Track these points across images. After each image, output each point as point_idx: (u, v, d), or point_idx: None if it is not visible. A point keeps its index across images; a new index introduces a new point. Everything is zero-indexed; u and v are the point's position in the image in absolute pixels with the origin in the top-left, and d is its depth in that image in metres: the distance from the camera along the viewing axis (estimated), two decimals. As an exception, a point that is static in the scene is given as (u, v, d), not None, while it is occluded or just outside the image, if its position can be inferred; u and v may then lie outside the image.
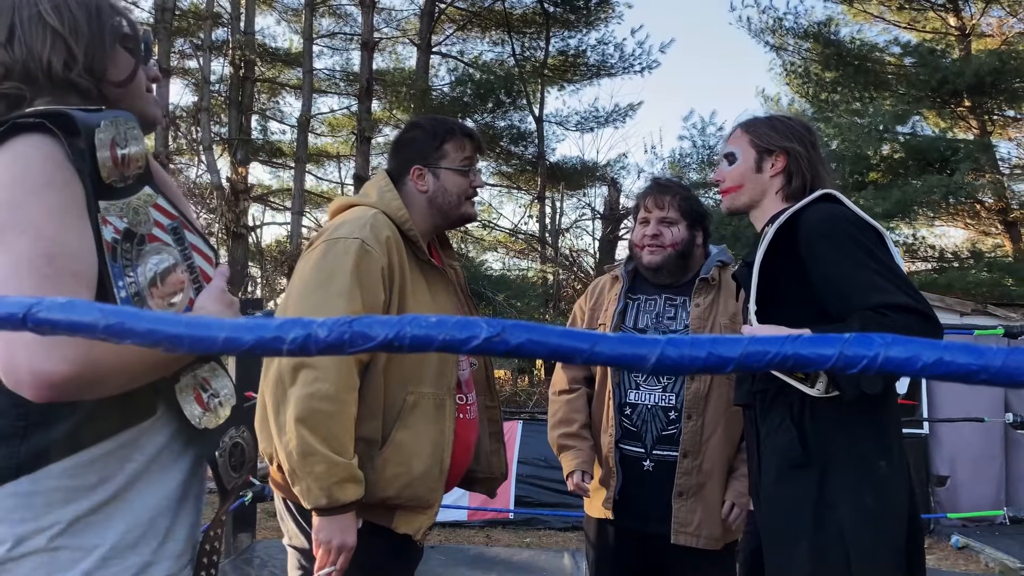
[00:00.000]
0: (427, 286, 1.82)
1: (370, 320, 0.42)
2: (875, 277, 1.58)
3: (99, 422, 1.02)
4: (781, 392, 1.72)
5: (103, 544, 1.02)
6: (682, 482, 2.11)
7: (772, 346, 0.40)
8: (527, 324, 0.42)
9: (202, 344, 0.43)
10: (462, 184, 1.88)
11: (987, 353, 0.38)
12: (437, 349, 0.42)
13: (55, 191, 0.97)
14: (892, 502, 1.62)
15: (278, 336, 0.42)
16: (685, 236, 2.22)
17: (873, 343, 0.39)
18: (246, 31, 15.06)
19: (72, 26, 1.09)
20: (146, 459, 1.07)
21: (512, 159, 17.59)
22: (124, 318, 0.43)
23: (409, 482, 1.71)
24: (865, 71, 14.85)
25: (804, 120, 1.93)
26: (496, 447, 2.07)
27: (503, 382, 12.81)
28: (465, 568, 4.51)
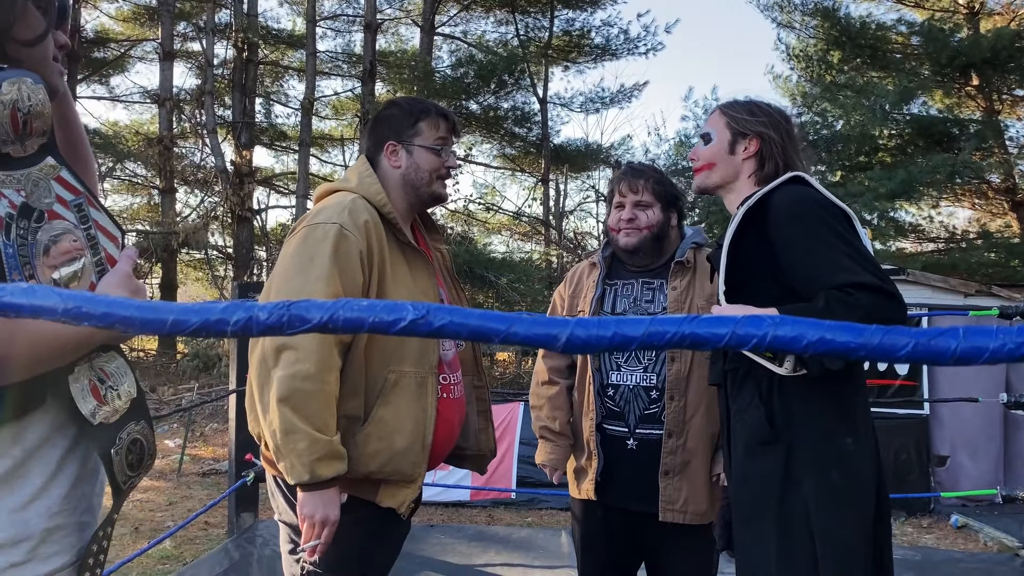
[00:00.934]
0: (408, 268, 1.86)
1: (307, 304, 0.46)
2: (841, 258, 1.61)
3: None
4: (751, 371, 1.76)
5: None
6: (667, 461, 2.15)
7: (671, 326, 0.43)
8: (449, 308, 0.45)
9: (152, 326, 0.47)
10: (434, 163, 1.92)
11: (866, 331, 0.41)
12: (368, 330, 0.46)
13: None
14: (858, 478, 1.65)
15: (222, 319, 0.46)
16: (660, 218, 2.25)
17: (763, 323, 0.42)
18: (249, 13, 15.04)
19: None
20: (24, 457, 0.98)
21: (516, 141, 17.55)
22: (82, 302, 0.46)
23: (391, 457, 1.75)
24: (872, 50, 14.74)
25: (783, 108, 1.95)
26: (484, 425, 2.12)
27: (507, 364, 12.88)
28: (464, 546, 4.58)
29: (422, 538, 4.63)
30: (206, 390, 10.91)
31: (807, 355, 1.11)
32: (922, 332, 0.41)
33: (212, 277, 16.30)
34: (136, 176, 17.83)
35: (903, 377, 6.57)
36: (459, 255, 12.31)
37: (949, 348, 0.40)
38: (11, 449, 0.97)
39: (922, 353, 0.40)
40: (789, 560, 1.64)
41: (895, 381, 6.59)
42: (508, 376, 11.85)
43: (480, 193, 18.41)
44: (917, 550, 4.96)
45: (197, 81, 16.75)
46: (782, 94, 15.97)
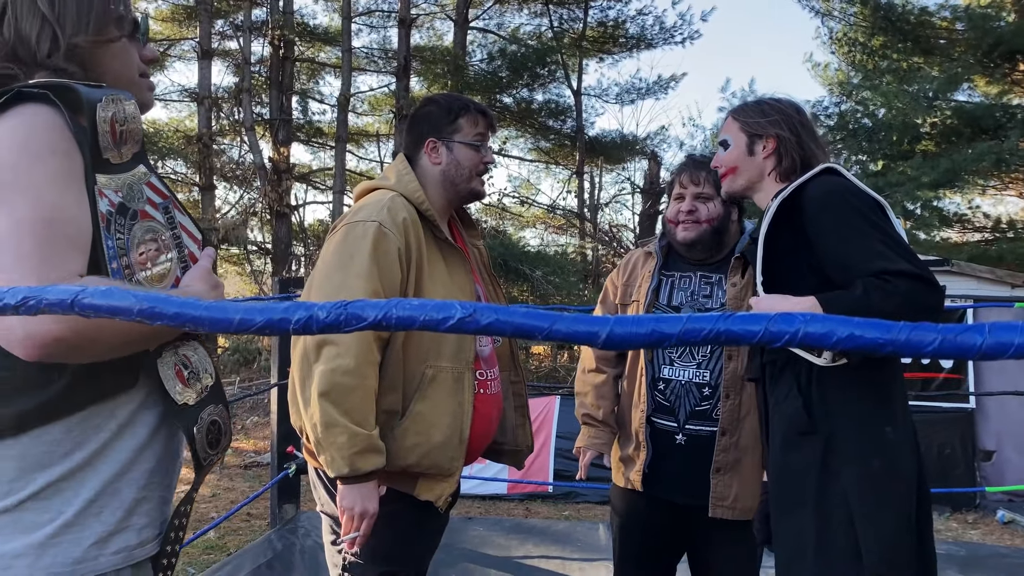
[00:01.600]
0: (445, 265, 1.89)
1: (362, 303, 0.49)
2: (877, 245, 1.62)
3: (79, 391, 1.05)
4: (789, 362, 1.77)
5: (68, 510, 1.05)
6: (720, 459, 2.15)
7: (707, 323, 0.45)
8: (495, 306, 0.48)
9: (220, 325, 0.50)
10: (474, 159, 1.95)
11: (894, 328, 0.43)
12: (418, 328, 0.49)
13: (57, 158, 1.00)
14: (898, 468, 1.66)
15: (285, 317, 0.49)
16: (720, 212, 2.23)
17: (794, 320, 0.44)
18: (285, 10, 15.21)
19: (61, 13, 1.11)
20: (119, 430, 1.09)
21: (550, 134, 17.52)
22: (156, 303, 0.50)
23: (428, 451, 1.79)
24: (915, 36, 14.44)
25: (794, 100, 1.97)
26: (522, 421, 2.14)
27: (543, 357, 12.90)
28: (502, 538, 4.62)
29: (460, 530, 4.68)
30: (247, 384, 11.11)
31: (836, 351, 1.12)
32: (948, 328, 0.43)
33: (251, 272, 16.58)
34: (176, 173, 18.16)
35: (948, 370, 6.46)
36: (493, 249, 12.33)
37: (975, 344, 0.41)
38: (107, 423, 1.08)
39: (948, 349, 0.42)
40: (829, 551, 1.65)
41: (939, 374, 6.48)
42: (544, 370, 11.87)
43: (514, 187, 18.42)
44: (962, 545, 4.89)
45: (235, 79, 17.01)
46: (821, 83, 15.74)
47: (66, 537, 1.05)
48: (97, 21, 1.14)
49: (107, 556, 1.08)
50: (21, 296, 0.50)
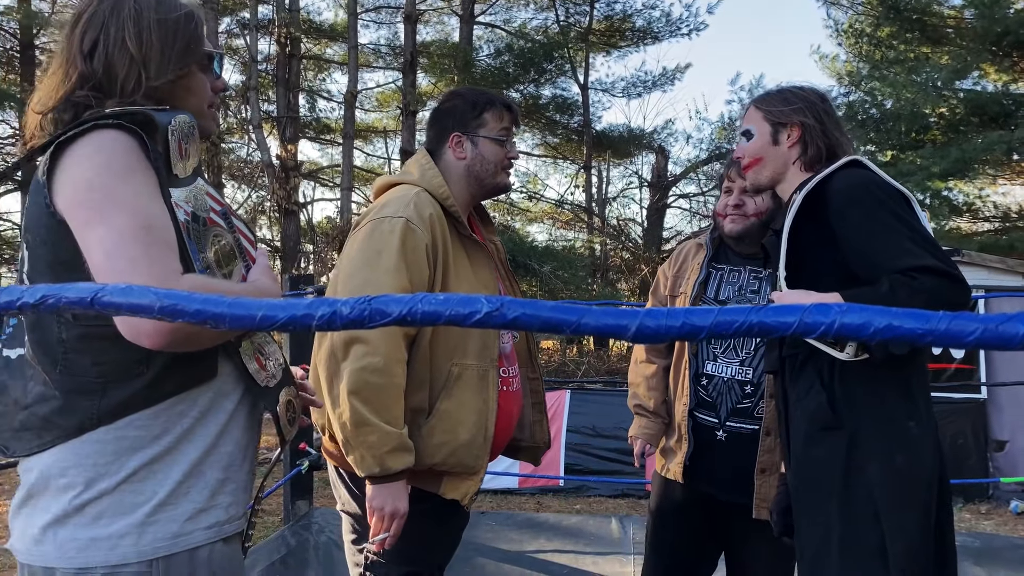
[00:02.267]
0: (469, 261, 1.88)
1: (386, 298, 0.48)
2: (903, 241, 1.59)
3: (164, 382, 1.15)
4: (811, 356, 1.74)
5: (160, 491, 1.15)
6: (764, 459, 2.13)
7: (739, 316, 0.44)
8: (522, 300, 0.47)
9: (242, 321, 0.50)
10: (499, 153, 1.93)
11: (933, 318, 0.42)
12: (444, 323, 0.48)
13: (138, 175, 1.11)
14: (922, 464, 1.64)
15: (308, 313, 0.48)
16: (770, 205, 2.18)
17: (830, 311, 0.43)
18: (291, 8, 15.20)
19: (148, 54, 1.21)
20: (201, 416, 1.19)
21: (557, 129, 17.48)
22: (177, 300, 0.49)
23: (454, 449, 1.78)
24: (922, 25, 14.32)
25: (817, 88, 1.93)
26: (539, 417, 2.13)
27: (552, 352, 12.89)
28: (514, 533, 4.62)
29: (473, 525, 4.67)
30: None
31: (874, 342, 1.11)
32: (990, 318, 0.41)
33: (261, 270, 16.57)
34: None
35: (959, 361, 6.42)
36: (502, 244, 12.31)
37: (1018, 333, 0.40)
38: (190, 410, 1.19)
39: (990, 339, 0.41)
40: (854, 548, 1.64)
41: (951, 365, 6.44)
42: (553, 364, 11.86)
43: (522, 182, 18.39)
44: (976, 536, 4.87)
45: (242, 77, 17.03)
46: (829, 74, 15.64)
47: (162, 515, 1.15)
48: (178, 62, 1.24)
49: (201, 531, 1.19)
50: (40, 295, 0.50)
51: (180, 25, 1.26)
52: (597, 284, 13.64)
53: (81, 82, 1.20)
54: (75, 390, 1.13)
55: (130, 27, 1.21)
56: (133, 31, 1.21)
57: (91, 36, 1.21)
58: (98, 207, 1.08)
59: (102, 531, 1.12)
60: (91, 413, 1.13)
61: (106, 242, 1.07)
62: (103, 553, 1.12)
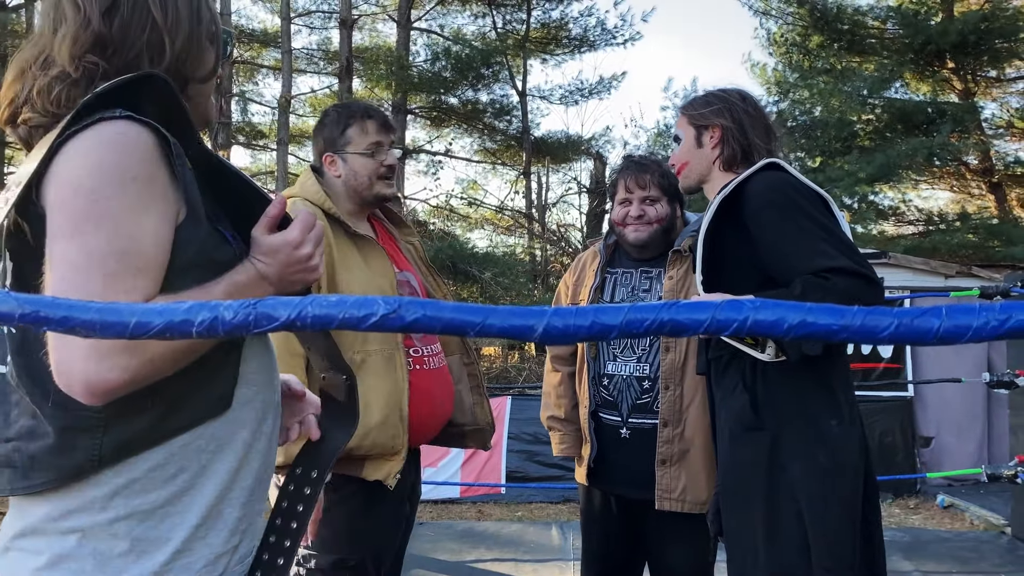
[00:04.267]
0: (361, 256, 1.90)
1: (274, 301, 0.44)
2: (818, 243, 1.61)
3: (179, 415, 1.02)
4: (734, 358, 1.76)
5: (176, 536, 1.02)
6: (664, 450, 2.16)
7: (650, 313, 0.42)
8: (422, 301, 0.44)
9: (114, 329, 0.45)
10: (370, 166, 1.97)
11: (848, 313, 0.40)
12: (338, 327, 0.44)
13: (138, 183, 0.96)
14: (844, 460, 1.66)
15: (187, 319, 0.44)
16: (668, 211, 2.26)
17: (743, 308, 0.41)
18: (222, 12, 14.88)
19: (174, 22, 1.07)
20: (217, 451, 1.06)
21: (496, 135, 17.50)
22: (40, 307, 0.45)
23: (367, 432, 1.79)
24: (850, 35, 14.81)
25: (740, 89, 1.98)
26: (479, 399, 2.15)
27: (494, 358, 12.87)
28: (453, 543, 4.57)
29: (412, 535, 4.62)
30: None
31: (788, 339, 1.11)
32: (905, 312, 0.40)
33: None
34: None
35: (887, 360, 6.62)
36: (442, 251, 12.25)
37: (932, 327, 0.39)
38: (208, 445, 1.05)
39: (905, 333, 0.39)
40: (778, 544, 1.65)
41: (879, 364, 6.64)
42: (495, 370, 11.83)
43: (462, 188, 18.35)
44: (905, 531, 5.01)
45: (172, 82, 16.56)
46: (760, 82, 16.03)
47: (178, 563, 1.02)
48: (206, 38, 1.12)
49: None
50: None
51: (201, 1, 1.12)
52: (538, 289, 13.68)
53: (96, 45, 1.03)
54: (72, 427, 0.97)
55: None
56: (159, 3, 1.06)
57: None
58: (76, 218, 0.93)
59: None
60: (92, 454, 0.97)
61: (69, 261, 0.93)
62: None
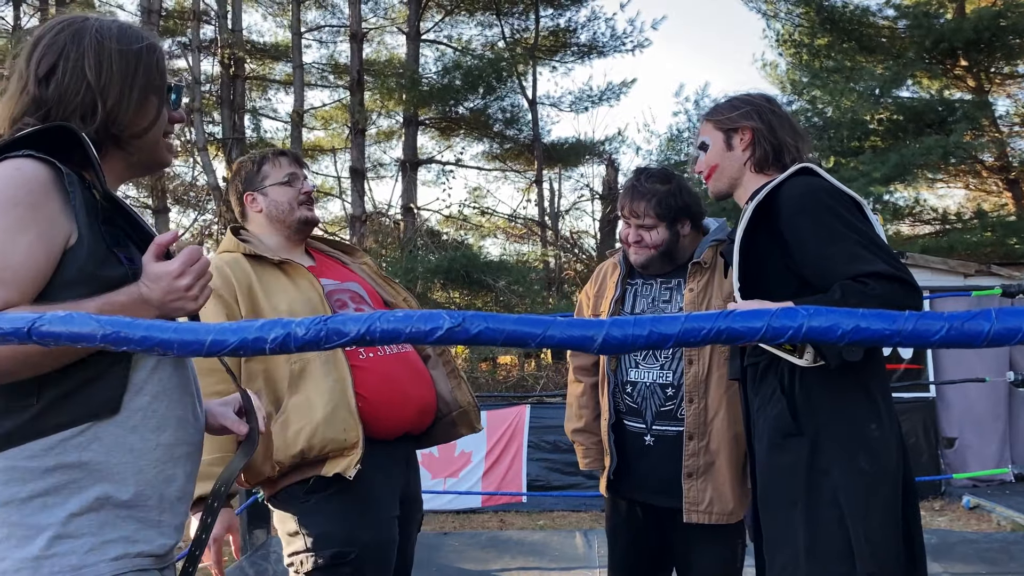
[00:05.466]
0: (288, 279, 2.00)
1: (343, 318, 0.46)
2: (854, 247, 1.62)
3: (59, 413, 1.12)
4: (771, 364, 1.76)
5: (55, 522, 1.11)
6: (690, 463, 2.16)
7: (707, 322, 0.43)
8: (485, 314, 0.46)
9: (191, 347, 0.47)
10: (289, 193, 2.11)
11: (899, 318, 0.41)
12: (405, 340, 0.46)
13: (20, 209, 1.09)
14: (885, 464, 1.66)
15: (260, 336, 0.46)
16: (665, 236, 2.25)
17: (797, 315, 0.43)
18: (233, 28, 15.03)
19: (106, 84, 1.20)
20: (104, 451, 1.15)
21: (507, 143, 17.54)
22: (120, 327, 0.47)
23: (314, 430, 1.82)
24: (858, 36, 14.76)
25: (763, 92, 2.00)
26: (456, 382, 2.16)
27: (510, 367, 12.86)
28: (478, 552, 4.58)
29: (436, 546, 4.63)
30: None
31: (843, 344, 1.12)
32: (955, 316, 0.41)
33: (211, 294, 16.25)
34: (128, 197, 17.80)
35: (908, 361, 6.58)
36: (456, 260, 12.28)
37: (983, 331, 0.40)
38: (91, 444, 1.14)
39: (956, 337, 0.41)
40: (820, 551, 1.64)
41: (900, 365, 6.60)
42: (512, 379, 11.83)
43: (473, 197, 18.39)
44: (932, 532, 4.97)
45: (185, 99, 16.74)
46: (771, 83, 16.01)
47: (61, 547, 1.10)
48: (139, 93, 1.23)
49: (107, 563, 1.13)
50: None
51: (142, 57, 1.24)
52: (552, 297, 13.68)
53: (32, 107, 1.19)
54: None
55: (90, 56, 1.19)
56: (93, 60, 1.19)
57: (48, 61, 1.19)
58: None
59: None
60: None
61: None
62: None
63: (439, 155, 17.82)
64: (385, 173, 18.95)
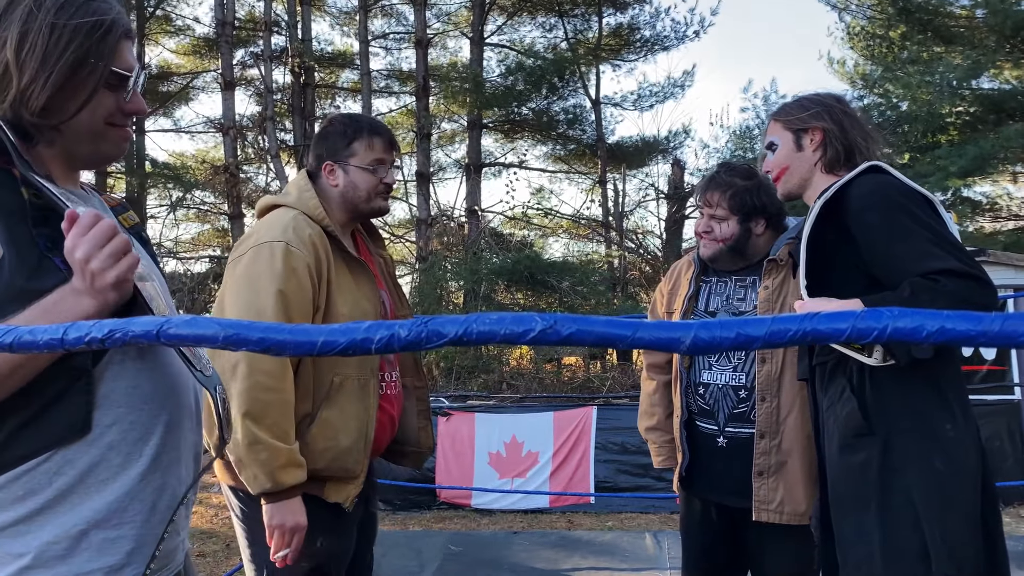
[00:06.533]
0: (351, 277, 1.95)
1: (442, 320, 0.49)
2: (925, 244, 1.59)
3: (21, 443, 1.04)
4: (840, 363, 1.74)
5: (28, 552, 1.04)
6: (761, 462, 2.15)
7: (793, 324, 0.45)
8: (576, 316, 0.48)
9: (304, 347, 0.51)
10: (371, 181, 1.99)
11: (985, 319, 0.42)
12: (500, 341, 0.49)
13: None
14: (961, 465, 1.62)
15: (367, 337, 0.50)
16: (735, 231, 2.23)
17: (882, 316, 0.44)
18: (303, 37, 15.43)
19: (25, 59, 1.06)
20: (79, 475, 1.07)
21: (570, 144, 17.55)
22: (240, 330, 0.51)
23: (337, 455, 1.86)
24: (934, 26, 14.26)
25: (833, 91, 1.97)
26: (424, 424, 2.20)
27: (576, 368, 12.84)
28: (548, 552, 4.60)
29: (506, 545, 4.67)
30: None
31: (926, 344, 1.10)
32: (1043, 316, 0.42)
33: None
34: (204, 204, 18.44)
35: (990, 362, 6.34)
36: (519, 261, 12.33)
37: (1072, 330, 0.41)
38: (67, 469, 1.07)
39: (1044, 337, 0.41)
40: (895, 552, 1.62)
41: (982, 367, 6.36)
42: (578, 380, 11.81)
43: (537, 198, 18.43)
44: (1018, 540, 4.78)
45: (258, 107, 17.25)
46: (839, 79, 15.60)
47: None
48: (61, 74, 1.08)
49: None
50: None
51: (79, 34, 1.08)
52: (617, 298, 13.60)
53: None
54: None
55: (15, 29, 1.06)
56: (17, 32, 1.06)
57: None
58: None
59: None
60: None
61: None
62: None
63: (502, 157, 17.94)
64: (449, 176, 19.20)
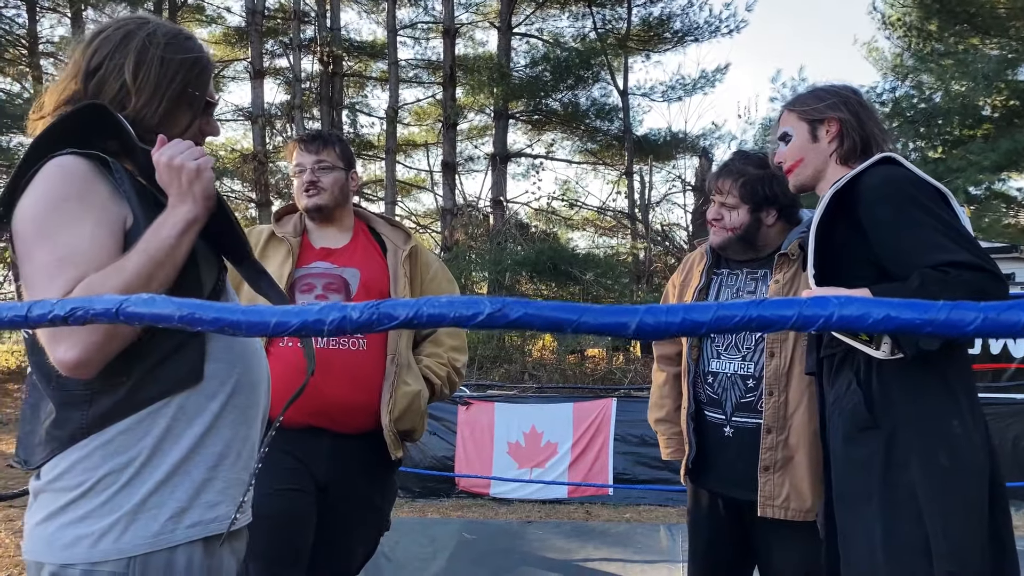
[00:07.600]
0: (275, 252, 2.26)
1: (393, 303, 0.50)
2: (936, 236, 1.56)
3: (149, 387, 1.21)
4: (847, 356, 1.72)
5: (142, 490, 1.21)
6: (767, 457, 2.13)
7: (739, 310, 0.44)
8: (525, 300, 0.48)
9: (257, 327, 0.52)
10: (296, 184, 2.32)
11: (932, 308, 0.41)
12: (449, 324, 0.49)
13: (71, 202, 1.18)
14: (968, 462, 1.59)
15: (319, 319, 0.50)
16: (745, 220, 2.20)
17: (828, 303, 0.43)
18: (332, 27, 15.50)
19: (140, 87, 1.28)
20: (183, 416, 1.24)
21: (597, 135, 17.45)
22: (195, 309, 0.52)
23: None
24: (970, 17, 13.97)
25: (848, 84, 1.92)
26: None
27: (599, 359, 12.82)
28: (562, 541, 4.61)
29: (520, 533, 4.68)
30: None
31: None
32: (990, 306, 0.41)
33: (308, 285, 16.83)
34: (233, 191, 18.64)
35: (1020, 360, 6.23)
36: (543, 252, 12.32)
37: (1019, 321, 0.40)
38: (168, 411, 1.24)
39: (991, 327, 0.40)
40: (897, 545, 1.60)
41: (1011, 364, 6.25)
42: (600, 372, 11.80)
43: (563, 190, 18.37)
44: (1040, 541, 4.69)
45: (286, 96, 17.38)
46: (875, 68, 15.36)
47: (144, 515, 1.20)
48: (168, 102, 1.31)
49: (183, 529, 1.23)
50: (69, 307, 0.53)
51: (183, 68, 1.32)
52: (642, 290, 13.55)
53: (75, 97, 1.28)
54: (67, 403, 1.21)
55: (132, 57, 1.28)
56: (133, 62, 1.28)
57: (98, 58, 1.28)
58: (28, 240, 1.18)
59: (86, 529, 1.18)
60: (80, 424, 1.20)
61: (28, 278, 1.18)
62: (85, 550, 1.18)
63: (529, 148, 17.90)
64: (476, 167, 19.21)
